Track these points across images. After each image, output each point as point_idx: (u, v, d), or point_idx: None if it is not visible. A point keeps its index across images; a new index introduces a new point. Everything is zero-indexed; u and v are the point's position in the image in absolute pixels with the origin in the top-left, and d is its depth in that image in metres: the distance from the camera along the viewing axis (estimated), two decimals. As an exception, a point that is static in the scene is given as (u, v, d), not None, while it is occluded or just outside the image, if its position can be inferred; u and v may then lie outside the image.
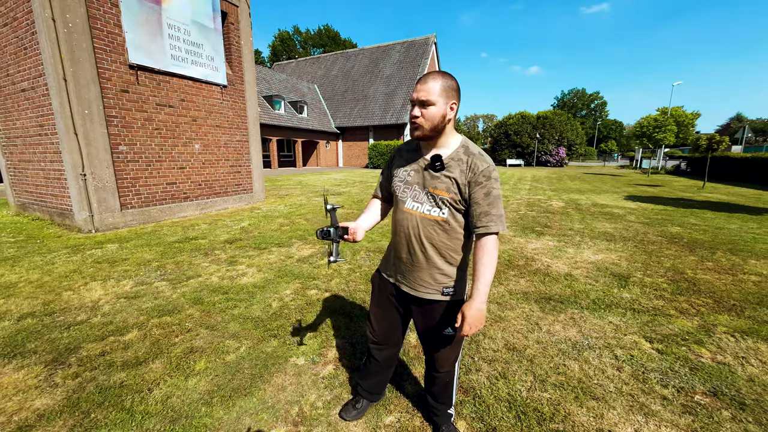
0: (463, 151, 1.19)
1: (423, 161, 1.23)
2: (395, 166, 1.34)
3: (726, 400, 1.74)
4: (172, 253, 4.03)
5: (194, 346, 2.17)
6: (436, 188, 1.19)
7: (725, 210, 7.72)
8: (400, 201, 1.29)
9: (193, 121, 6.24)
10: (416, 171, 1.24)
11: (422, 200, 1.22)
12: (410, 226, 1.25)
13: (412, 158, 1.28)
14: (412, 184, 1.25)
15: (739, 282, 3.34)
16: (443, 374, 1.40)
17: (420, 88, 1.12)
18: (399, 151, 1.37)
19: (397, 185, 1.30)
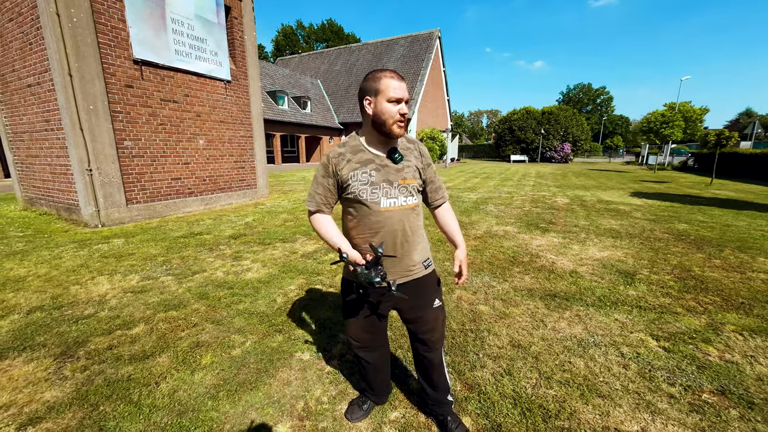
0: (406, 140, 1.33)
1: (379, 158, 1.25)
2: (346, 171, 1.23)
3: (734, 399, 1.73)
4: (178, 248, 4.05)
5: (200, 341, 2.19)
6: (405, 179, 1.26)
7: (733, 207, 7.61)
8: (369, 203, 1.22)
9: (197, 117, 6.24)
10: (377, 170, 1.23)
11: (395, 195, 1.25)
12: (393, 223, 1.24)
13: (364, 159, 1.24)
14: (378, 184, 1.23)
15: (748, 280, 3.30)
16: (436, 354, 1.44)
17: (403, 85, 1.18)
18: (340, 155, 1.25)
19: (360, 189, 1.21)
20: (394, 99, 1.16)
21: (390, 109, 1.17)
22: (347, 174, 1.23)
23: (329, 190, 1.28)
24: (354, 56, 29.54)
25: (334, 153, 1.26)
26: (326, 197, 1.29)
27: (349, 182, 1.23)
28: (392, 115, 1.17)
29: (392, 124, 1.18)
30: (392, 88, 1.16)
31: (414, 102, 23.13)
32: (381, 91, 1.16)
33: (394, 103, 1.17)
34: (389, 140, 1.24)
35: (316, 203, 1.30)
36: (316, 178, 1.30)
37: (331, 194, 1.29)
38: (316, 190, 1.29)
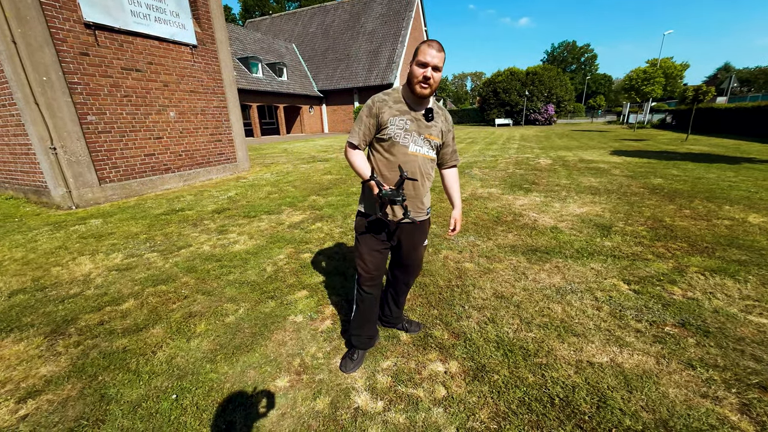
0: (436, 107, 1.53)
1: (415, 113, 1.45)
2: (387, 115, 1.43)
3: (692, 329, 1.91)
4: (160, 225, 3.96)
5: (193, 311, 2.22)
6: (431, 134, 1.49)
7: (705, 161, 7.92)
8: (400, 145, 1.45)
9: (165, 86, 5.84)
10: (412, 121, 1.45)
11: (421, 144, 1.48)
12: (414, 165, 1.48)
13: (403, 110, 1.45)
14: (411, 132, 1.45)
15: (713, 226, 3.52)
16: (412, 281, 1.82)
17: (436, 54, 1.33)
18: (384, 101, 1.45)
19: (396, 132, 1.43)
20: (422, 62, 1.33)
21: (416, 71, 1.35)
22: (387, 118, 1.43)
23: (369, 129, 1.47)
24: (329, 16, 27.67)
25: (378, 98, 1.47)
26: (366, 135, 1.48)
27: (387, 125, 1.43)
28: (417, 75, 1.35)
29: (416, 84, 1.37)
30: (422, 52, 1.33)
31: (395, 65, 22.20)
32: (416, 56, 1.36)
33: (421, 66, 1.34)
34: (420, 100, 1.43)
35: (358, 138, 1.48)
36: (360, 118, 1.48)
37: (370, 133, 1.48)
38: (360, 128, 1.48)
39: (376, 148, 1.51)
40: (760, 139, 12.78)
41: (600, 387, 1.53)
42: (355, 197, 5.01)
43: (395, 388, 1.56)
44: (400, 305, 1.90)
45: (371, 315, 1.70)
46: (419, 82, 1.36)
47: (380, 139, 1.47)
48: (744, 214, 3.86)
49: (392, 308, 1.89)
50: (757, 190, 4.96)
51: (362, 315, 1.69)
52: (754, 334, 1.86)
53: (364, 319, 1.69)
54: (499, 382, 1.58)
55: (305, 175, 7.00)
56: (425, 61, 1.32)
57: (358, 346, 1.73)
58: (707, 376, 1.57)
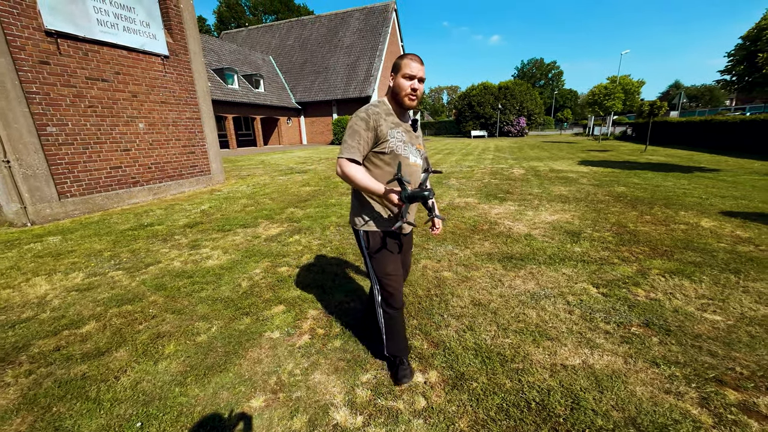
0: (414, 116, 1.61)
1: (405, 124, 1.50)
2: (385, 128, 1.42)
3: (656, 329, 2.02)
4: (126, 241, 3.76)
5: (161, 331, 2.10)
6: (420, 144, 1.58)
7: (663, 170, 8.52)
8: (404, 157, 1.46)
9: (134, 97, 5.63)
10: (405, 132, 1.49)
11: (416, 155, 1.53)
12: (416, 176, 1.53)
13: (395, 121, 1.47)
14: (407, 143, 1.49)
15: (671, 231, 3.77)
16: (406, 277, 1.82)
17: (420, 68, 1.39)
18: (379, 115, 1.42)
19: (396, 145, 1.44)
20: (408, 75, 1.38)
21: (404, 83, 1.39)
22: (386, 130, 1.41)
23: (368, 143, 1.42)
24: (307, 30, 27.92)
25: (371, 111, 1.41)
26: (365, 149, 1.43)
27: (387, 138, 1.42)
28: (404, 88, 1.39)
29: (404, 96, 1.41)
30: (407, 66, 1.37)
31: (373, 78, 22.60)
32: (400, 69, 1.39)
33: (407, 78, 1.38)
34: (405, 111, 1.50)
35: (360, 152, 1.41)
36: (356, 132, 1.40)
37: (368, 147, 1.43)
38: (358, 142, 1.40)
39: (373, 163, 1.45)
40: (708, 150, 13.95)
41: (573, 389, 1.58)
42: (334, 208, 4.98)
43: (375, 402, 1.54)
44: None
45: (402, 327, 1.68)
46: (407, 95, 1.40)
47: (379, 152, 1.43)
48: (697, 219, 4.17)
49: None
50: (708, 196, 5.38)
51: (398, 330, 1.65)
52: (709, 330, 1.99)
53: (398, 332, 1.66)
54: (477, 389, 1.59)
55: (283, 187, 6.90)
56: (412, 74, 1.37)
57: (404, 355, 1.70)
58: (670, 372, 1.66)
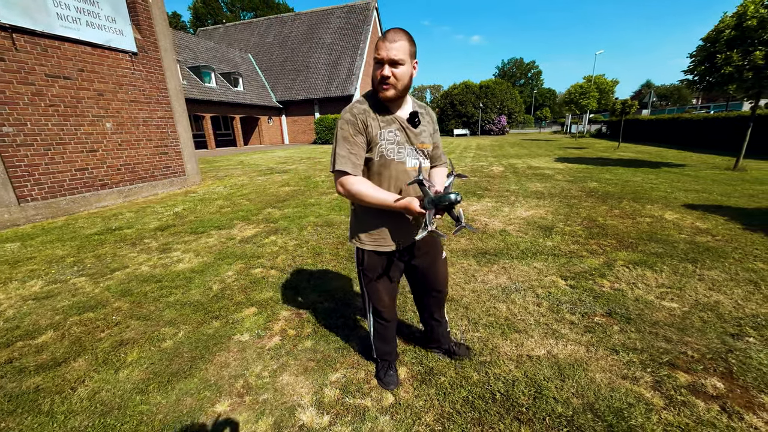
0: (418, 106, 1.33)
1: (399, 120, 1.24)
2: (374, 129, 1.20)
3: (617, 317, 2.10)
4: (92, 246, 3.59)
5: (124, 339, 2.02)
6: (423, 143, 1.29)
7: (633, 166, 8.88)
8: (396, 162, 1.23)
9: (100, 96, 5.39)
10: (399, 130, 1.23)
11: (416, 156, 1.28)
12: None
13: (388, 118, 1.23)
14: (402, 144, 1.24)
15: (637, 224, 3.93)
16: (445, 294, 1.62)
17: (390, 46, 1.09)
18: (366, 112, 1.21)
19: (387, 148, 1.21)
20: (377, 59, 1.13)
21: (375, 72, 1.16)
22: (375, 131, 1.20)
23: (362, 148, 1.20)
24: (287, 27, 27.48)
25: (358, 109, 1.20)
26: (359, 156, 1.20)
27: (377, 140, 1.20)
28: (376, 77, 1.15)
29: (377, 87, 1.17)
30: (377, 48, 1.12)
31: (355, 77, 22.49)
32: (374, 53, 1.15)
33: (378, 64, 1.13)
34: (397, 103, 1.24)
35: (352, 164, 1.18)
36: (344, 138, 1.19)
37: (363, 152, 1.21)
38: (350, 150, 1.18)
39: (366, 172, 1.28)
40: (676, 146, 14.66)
41: (537, 379, 1.62)
42: (313, 208, 4.93)
43: (343, 401, 1.53)
44: (440, 320, 1.68)
45: (393, 334, 1.63)
46: (379, 84, 1.15)
47: (368, 159, 1.23)
48: (662, 212, 4.37)
49: (436, 328, 1.70)
50: (673, 190, 5.65)
51: (385, 336, 1.60)
52: (666, 317, 2.09)
53: (389, 338, 1.61)
54: (445, 383, 1.61)
55: (261, 187, 6.77)
56: (380, 57, 1.11)
57: (392, 360, 1.66)
58: (628, 359, 1.73)
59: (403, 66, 1.12)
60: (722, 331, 1.94)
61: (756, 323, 2.01)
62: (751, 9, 6.22)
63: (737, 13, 6.51)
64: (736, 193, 5.30)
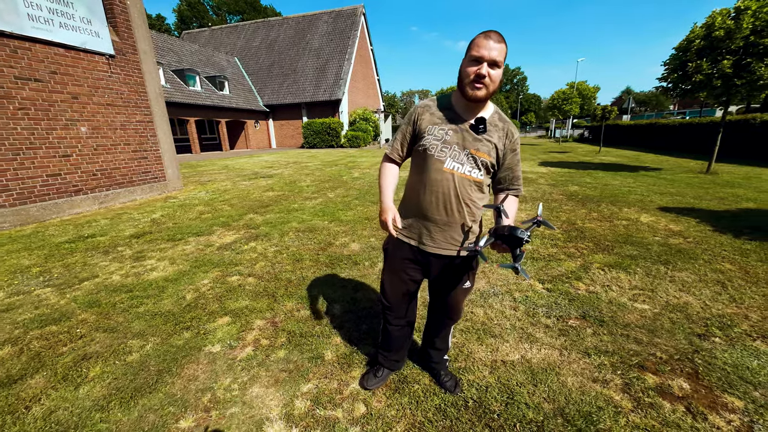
0: (498, 117, 1.25)
1: (462, 122, 1.22)
2: (426, 123, 1.25)
3: (591, 320, 2.13)
4: (60, 255, 3.45)
5: (88, 353, 1.93)
6: (478, 150, 1.22)
7: (612, 169, 9.13)
8: (435, 160, 1.23)
9: (74, 99, 5.22)
10: (455, 131, 1.22)
11: (462, 161, 1.22)
12: (450, 186, 1.24)
13: (448, 117, 1.23)
14: (450, 144, 1.22)
15: (614, 227, 4.03)
16: (453, 322, 1.54)
17: (494, 46, 1.07)
18: (427, 107, 1.28)
19: (432, 143, 1.23)
20: (475, 57, 1.09)
21: (467, 69, 1.12)
22: (425, 126, 1.25)
23: (406, 139, 1.31)
24: (274, 31, 27.34)
25: (422, 103, 1.30)
26: (402, 145, 1.33)
27: (424, 134, 1.25)
28: (468, 74, 1.11)
29: (466, 84, 1.13)
30: (476, 45, 1.09)
31: (343, 81, 22.52)
32: (468, 50, 1.13)
33: (473, 62, 1.10)
34: (474, 105, 1.20)
35: (395, 150, 1.34)
36: (400, 126, 1.34)
37: (407, 143, 1.32)
38: (396, 139, 1.34)
39: (414, 162, 1.33)
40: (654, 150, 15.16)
41: (510, 384, 1.62)
42: (296, 214, 4.88)
43: (313, 413, 1.50)
44: (437, 347, 1.61)
45: (399, 345, 1.60)
46: (470, 82, 1.11)
47: (415, 151, 1.30)
48: (638, 215, 4.49)
49: (428, 350, 1.64)
50: (649, 193, 5.83)
51: (389, 342, 1.59)
52: (637, 319, 2.13)
53: (392, 346, 1.60)
54: (418, 391, 1.59)
55: (244, 192, 6.66)
56: (479, 56, 1.08)
57: (384, 364, 1.63)
58: (599, 362, 1.75)
59: (499, 69, 1.11)
60: (690, 331, 1.99)
61: (722, 323, 2.06)
62: (718, 20, 6.52)
63: (706, 24, 6.82)
64: (707, 196, 5.50)
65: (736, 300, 2.33)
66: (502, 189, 1.34)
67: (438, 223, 1.28)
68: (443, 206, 1.25)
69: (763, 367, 1.69)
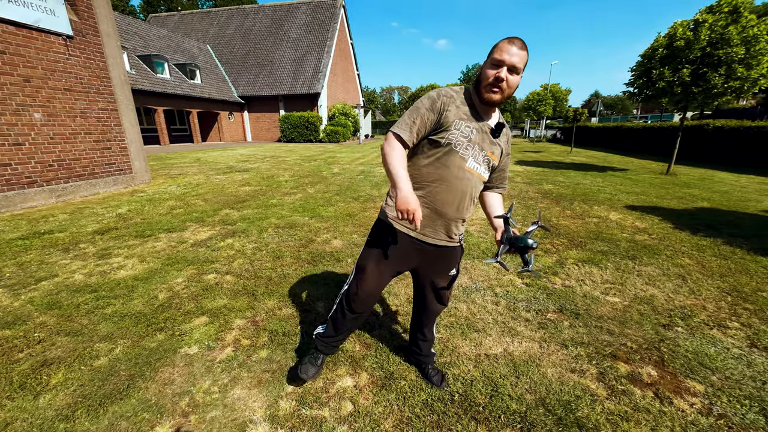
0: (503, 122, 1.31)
1: (484, 124, 1.24)
2: (453, 116, 1.20)
3: (567, 313, 2.23)
4: (12, 252, 3.16)
5: (48, 358, 1.78)
6: (493, 153, 1.27)
7: (583, 169, 9.58)
8: (459, 157, 1.21)
9: (26, 82, 4.77)
10: (478, 132, 1.22)
11: (480, 161, 1.26)
12: (467, 184, 1.25)
13: (473, 116, 1.23)
14: (474, 144, 1.22)
15: (585, 224, 4.23)
16: (444, 307, 1.57)
17: (516, 52, 1.10)
18: (452, 98, 1.22)
19: (459, 140, 1.20)
20: (497, 60, 1.11)
21: (488, 72, 1.14)
22: (453, 119, 1.20)
23: (426, 125, 1.22)
24: (249, 20, 26.32)
25: (446, 92, 1.23)
26: (420, 131, 1.22)
27: (450, 128, 1.20)
28: (488, 77, 1.13)
29: (484, 87, 1.16)
30: (499, 49, 1.11)
31: (322, 75, 22.09)
32: (490, 53, 1.14)
33: (494, 65, 1.12)
34: (487, 108, 1.23)
35: (409, 131, 1.21)
36: (418, 108, 1.22)
37: (425, 129, 1.23)
38: (413, 120, 1.21)
39: (423, 152, 1.26)
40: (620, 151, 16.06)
41: (494, 377, 1.66)
42: (275, 209, 4.74)
43: (299, 413, 1.46)
44: (426, 337, 1.62)
45: (350, 331, 1.56)
46: (488, 85, 1.14)
47: (434, 142, 1.22)
48: (607, 213, 4.74)
49: (418, 341, 1.64)
50: (616, 192, 6.17)
51: (341, 328, 1.50)
52: (609, 311, 2.25)
53: (343, 332, 1.52)
54: (405, 387, 1.60)
55: (219, 187, 6.40)
56: (500, 59, 1.10)
57: (323, 351, 1.56)
58: (576, 353, 1.84)
59: (518, 76, 1.14)
60: (656, 322, 2.13)
61: (683, 314, 2.22)
62: (679, 31, 6.97)
63: (668, 34, 7.27)
64: (668, 196, 5.90)
65: (695, 292, 2.52)
66: (490, 187, 1.41)
67: (447, 218, 1.29)
68: (458, 204, 1.27)
69: (719, 353, 1.83)
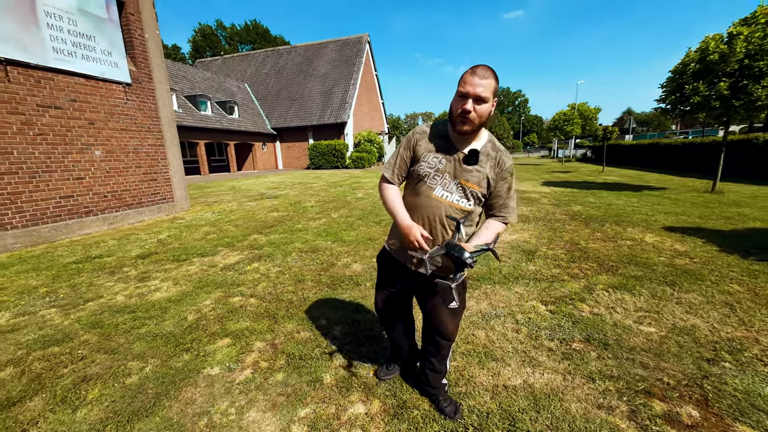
0: (491, 147, 1.30)
1: (456, 152, 1.28)
2: (422, 149, 1.31)
3: (595, 343, 2.09)
4: (68, 275, 3.50)
5: (88, 374, 1.93)
6: (468, 180, 1.27)
7: (616, 189, 9.12)
8: (426, 186, 1.30)
9: (91, 125, 5.46)
10: (448, 160, 1.27)
11: (452, 190, 1.28)
12: (438, 213, 1.30)
13: (442, 146, 1.29)
14: (443, 173, 1.28)
15: (618, 247, 3.99)
16: (449, 343, 1.53)
17: (479, 82, 1.12)
18: (423, 133, 1.34)
19: (425, 171, 1.29)
20: (461, 93, 1.16)
21: (455, 104, 1.20)
22: (421, 152, 1.31)
23: (405, 162, 1.36)
24: (283, 59, 28.60)
25: (419, 129, 1.36)
26: (401, 168, 1.37)
27: (419, 160, 1.30)
28: (456, 109, 1.19)
29: (455, 118, 1.20)
30: (463, 82, 1.16)
31: (348, 105, 23.22)
32: (458, 86, 1.19)
33: (460, 97, 1.17)
34: (463, 138, 1.26)
35: (391, 171, 1.37)
36: (398, 148, 1.39)
37: (405, 167, 1.37)
38: (395, 160, 1.37)
39: (407, 184, 1.40)
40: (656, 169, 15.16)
41: (512, 410, 1.58)
42: (299, 234, 4.93)
43: (310, 439, 1.47)
44: (435, 368, 1.58)
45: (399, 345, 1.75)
46: (457, 117, 1.18)
47: (410, 174, 1.36)
48: (642, 235, 4.45)
49: (427, 372, 1.61)
50: (653, 213, 5.79)
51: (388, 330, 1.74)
52: (643, 342, 2.08)
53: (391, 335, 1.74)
54: (418, 417, 1.56)
55: (250, 213, 6.77)
56: (465, 92, 1.14)
57: (392, 360, 1.83)
58: (604, 387, 1.71)
59: (486, 104, 1.16)
60: (698, 356, 1.94)
61: (731, 347, 2.01)
62: (711, 45, 6.71)
63: (700, 49, 7.01)
64: (713, 216, 5.45)
65: (745, 323, 2.27)
66: (490, 215, 1.39)
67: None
68: (430, 230, 1.32)
69: (777, 394, 1.63)
